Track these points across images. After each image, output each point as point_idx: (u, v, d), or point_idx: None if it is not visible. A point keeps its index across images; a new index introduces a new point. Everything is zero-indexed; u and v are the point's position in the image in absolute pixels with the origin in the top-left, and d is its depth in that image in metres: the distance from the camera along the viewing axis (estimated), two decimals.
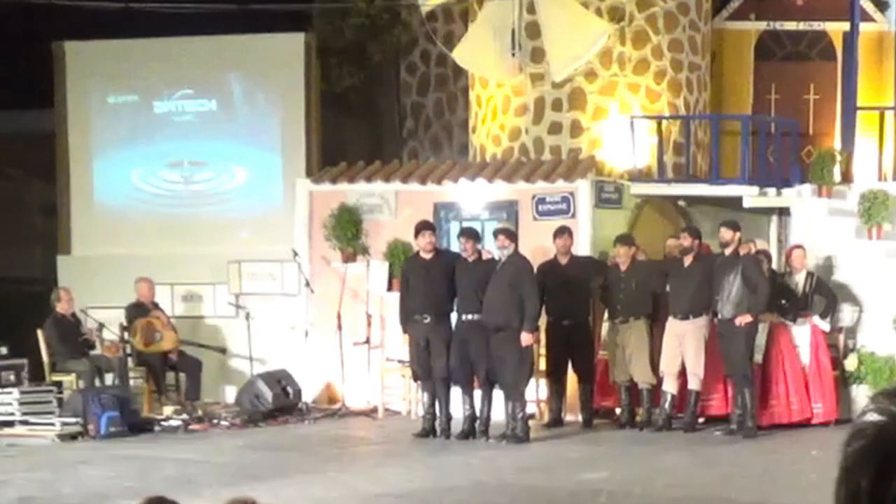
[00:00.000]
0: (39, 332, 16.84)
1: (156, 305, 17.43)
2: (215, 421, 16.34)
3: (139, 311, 17.17)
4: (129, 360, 16.85)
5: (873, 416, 1.95)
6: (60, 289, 17.52)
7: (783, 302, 15.50)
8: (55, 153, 19.92)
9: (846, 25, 18.34)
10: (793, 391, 15.39)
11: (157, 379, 16.98)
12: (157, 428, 15.88)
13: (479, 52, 17.89)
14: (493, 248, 15.23)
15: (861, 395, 15.50)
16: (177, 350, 17.16)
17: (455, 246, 16.31)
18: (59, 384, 16.57)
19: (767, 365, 15.23)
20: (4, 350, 16.62)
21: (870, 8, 19.05)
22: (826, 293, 15.73)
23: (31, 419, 15.70)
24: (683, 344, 15.23)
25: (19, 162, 21.75)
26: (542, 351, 15.69)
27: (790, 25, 19.28)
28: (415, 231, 15.53)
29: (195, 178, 19.47)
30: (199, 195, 19.40)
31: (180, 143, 19.44)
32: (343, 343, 16.91)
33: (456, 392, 15.03)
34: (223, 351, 17.79)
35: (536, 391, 15.77)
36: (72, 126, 19.83)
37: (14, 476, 12.84)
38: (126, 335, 16.83)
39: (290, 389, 16.83)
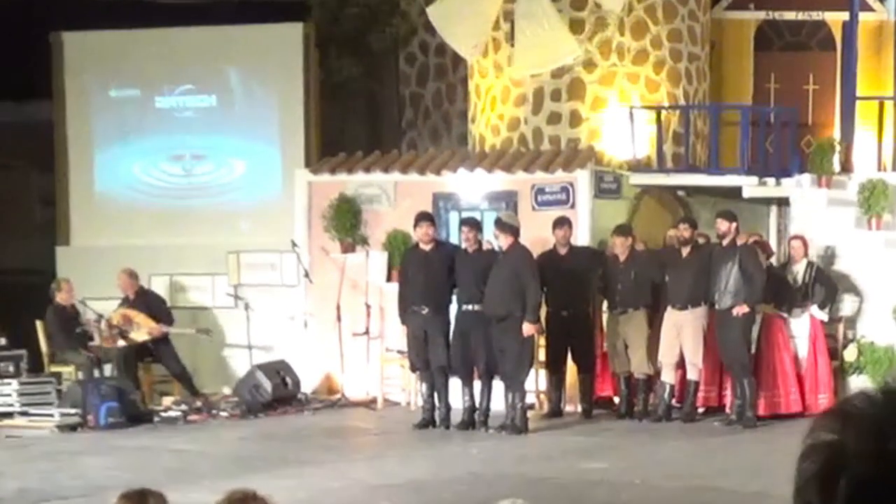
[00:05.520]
0: (38, 324, 16.83)
1: (141, 293, 17.19)
2: (214, 412, 16.33)
3: (122, 305, 17.10)
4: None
5: (822, 435, 1.96)
6: (61, 280, 17.51)
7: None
8: (54, 144, 19.92)
9: (845, 15, 18.31)
10: (790, 382, 15.38)
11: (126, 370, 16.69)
12: (156, 419, 15.87)
13: (452, 17, 17.78)
14: (493, 239, 15.23)
15: (860, 385, 15.49)
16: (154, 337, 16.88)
17: (454, 236, 16.31)
18: (58, 375, 16.57)
19: (761, 355, 15.20)
20: (3, 341, 16.63)
21: None
22: (826, 283, 15.71)
23: (31, 410, 15.70)
24: (682, 334, 15.22)
25: (18, 152, 21.73)
26: (542, 342, 15.68)
27: (789, 15, 19.25)
28: (413, 222, 15.53)
29: (195, 170, 19.47)
30: (199, 187, 19.40)
31: (181, 138, 19.44)
32: (342, 334, 16.91)
33: (455, 383, 15.03)
34: (207, 332, 17.58)
35: (536, 382, 15.77)
36: (71, 117, 19.82)
37: (13, 467, 12.85)
38: (104, 325, 16.68)
39: (289, 380, 16.83)
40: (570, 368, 15.75)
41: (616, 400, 15.98)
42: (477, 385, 14.94)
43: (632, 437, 14.39)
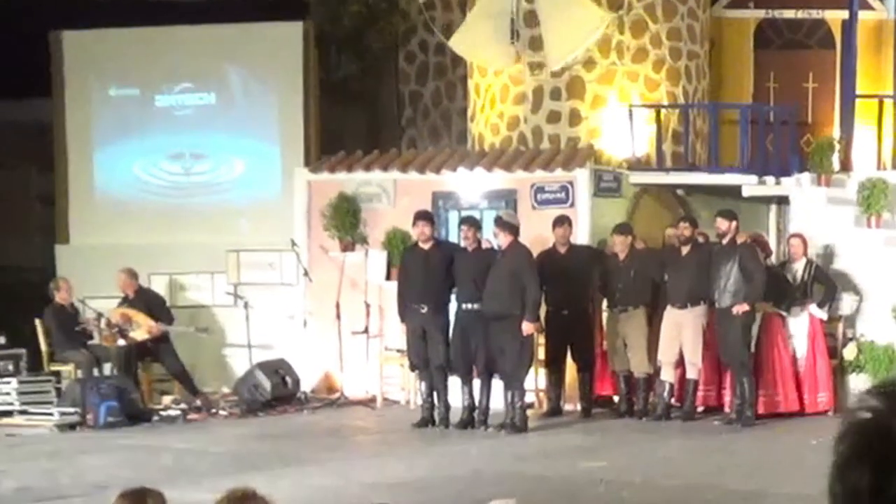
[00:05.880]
0: (38, 322, 16.82)
1: (140, 292, 17.15)
2: (214, 411, 16.33)
3: (121, 304, 17.07)
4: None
5: (861, 414, 1.96)
6: (60, 278, 17.49)
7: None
8: (54, 143, 19.92)
9: (845, 13, 18.31)
10: (789, 381, 15.38)
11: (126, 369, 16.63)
12: (155, 418, 15.87)
13: (476, 40, 17.85)
14: (492, 238, 15.22)
15: (860, 384, 15.48)
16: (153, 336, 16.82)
17: (453, 235, 16.30)
18: (57, 374, 16.57)
19: (760, 354, 15.21)
20: (2, 340, 16.62)
21: None
22: (825, 282, 15.71)
23: (30, 409, 15.70)
24: (681, 333, 15.22)
25: (18, 151, 21.73)
26: (542, 340, 15.67)
27: (789, 13, 19.24)
28: (412, 221, 15.57)
29: (195, 169, 19.47)
30: (198, 186, 19.39)
31: (181, 136, 19.44)
32: (342, 332, 16.91)
33: (455, 381, 15.03)
34: (205, 330, 17.51)
35: (535, 380, 15.77)
36: (70, 116, 19.82)
37: (12, 466, 12.84)
38: (103, 324, 16.66)
39: (288, 379, 16.82)
40: (570, 367, 15.75)
41: (615, 399, 15.98)
42: (476, 384, 14.93)
43: (631, 435, 14.39)
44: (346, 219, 17.48)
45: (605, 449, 13.48)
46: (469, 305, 14.85)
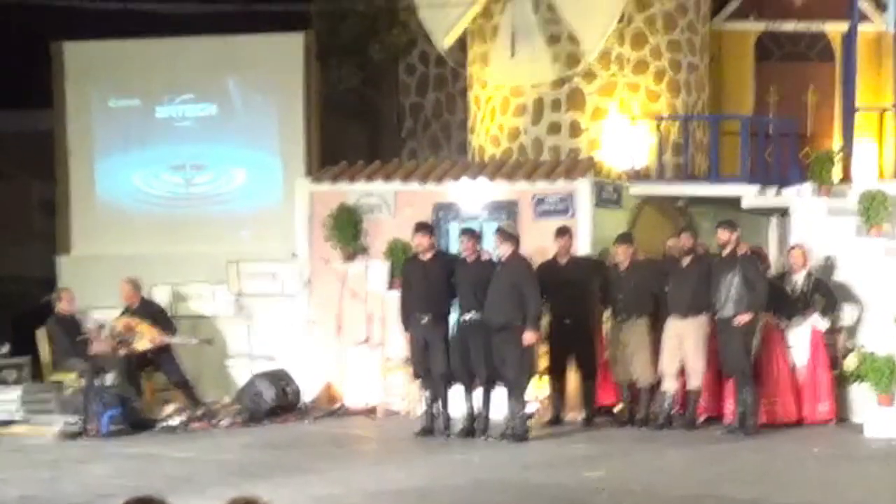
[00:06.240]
0: (39, 332, 16.84)
1: (143, 303, 17.16)
2: (215, 420, 16.34)
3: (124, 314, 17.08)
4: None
5: None
6: (62, 289, 17.53)
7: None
8: (55, 153, 19.96)
9: (845, 26, 18.40)
10: (788, 392, 15.41)
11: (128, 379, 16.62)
12: (158, 426, 15.89)
13: (508, 65, 17.86)
14: (492, 249, 15.24)
15: (861, 394, 15.50)
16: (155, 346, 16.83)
17: (454, 246, 16.34)
18: (59, 383, 16.58)
19: (759, 365, 15.22)
20: (6, 349, 16.65)
21: (868, 8, 19.08)
22: (826, 293, 15.73)
23: (33, 418, 15.72)
24: (683, 343, 15.24)
25: (19, 162, 21.78)
26: (543, 349, 15.69)
27: (789, 26, 19.32)
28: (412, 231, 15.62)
29: (196, 180, 19.51)
30: (200, 196, 19.44)
31: (182, 147, 19.49)
32: (343, 343, 16.92)
33: (456, 391, 15.05)
34: (209, 342, 17.52)
35: (537, 390, 15.78)
36: (71, 126, 19.87)
37: (15, 475, 12.85)
38: (105, 333, 16.66)
39: (289, 390, 16.84)
40: (572, 376, 15.76)
41: (617, 408, 15.98)
42: (477, 393, 14.95)
43: (633, 444, 14.41)
44: (347, 229, 17.51)
45: (607, 458, 13.49)
46: (469, 315, 14.88)
